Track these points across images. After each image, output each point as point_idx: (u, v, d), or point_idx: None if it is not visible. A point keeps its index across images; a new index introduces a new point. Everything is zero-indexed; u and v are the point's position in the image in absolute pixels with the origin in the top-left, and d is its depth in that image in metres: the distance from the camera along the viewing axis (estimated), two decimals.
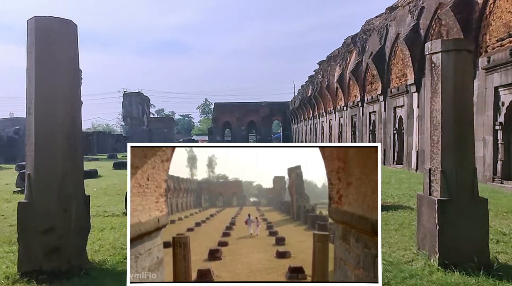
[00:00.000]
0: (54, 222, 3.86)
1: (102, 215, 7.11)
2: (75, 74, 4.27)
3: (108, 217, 6.92)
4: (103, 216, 7.05)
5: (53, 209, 3.86)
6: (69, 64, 4.12)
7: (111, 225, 6.20)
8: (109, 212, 7.30)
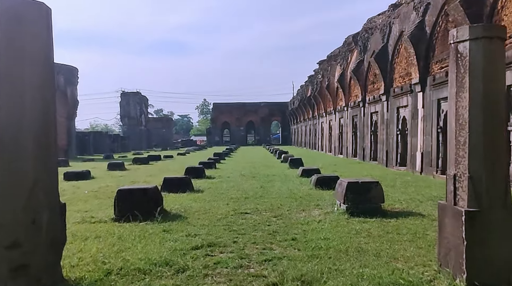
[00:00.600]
0: (20, 235, 3.33)
1: (89, 221, 6.57)
2: (49, 64, 3.73)
3: (95, 224, 6.38)
4: (89, 222, 6.51)
5: (18, 221, 3.33)
6: (40, 53, 3.58)
7: (96, 233, 5.66)
8: (97, 218, 6.75)
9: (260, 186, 11.18)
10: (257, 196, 9.30)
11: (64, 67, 29.81)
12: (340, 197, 7.01)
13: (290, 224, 6.19)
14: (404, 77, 15.83)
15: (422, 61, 13.70)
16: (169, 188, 10.09)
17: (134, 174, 15.29)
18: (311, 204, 7.98)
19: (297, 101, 48.35)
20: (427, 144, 13.54)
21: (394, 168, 16.37)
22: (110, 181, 13.01)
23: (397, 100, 16.41)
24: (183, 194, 9.57)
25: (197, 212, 7.28)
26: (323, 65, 31.47)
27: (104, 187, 11.38)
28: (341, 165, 18.47)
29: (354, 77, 21.52)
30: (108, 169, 17.13)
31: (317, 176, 10.70)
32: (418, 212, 7.00)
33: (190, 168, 13.80)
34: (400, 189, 10.12)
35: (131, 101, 49.77)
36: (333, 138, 29.40)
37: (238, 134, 65.39)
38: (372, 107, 19.95)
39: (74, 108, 31.51)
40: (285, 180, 12.57)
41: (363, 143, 21.38)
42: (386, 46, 17.38)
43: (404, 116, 15.91)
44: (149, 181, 12.63)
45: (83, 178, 13.28)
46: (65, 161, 20.63)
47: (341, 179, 7.31)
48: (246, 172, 15.32)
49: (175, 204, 8.03)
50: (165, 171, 16.73)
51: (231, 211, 7.31)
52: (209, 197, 9.23)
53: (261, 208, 7.62)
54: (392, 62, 17.03)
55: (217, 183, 12.09)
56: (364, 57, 20.79)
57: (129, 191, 6.81)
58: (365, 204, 6.80)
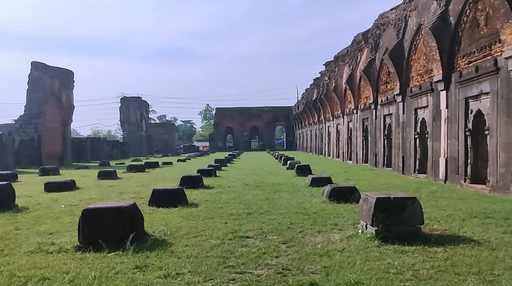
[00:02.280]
0: None
1: (45, 250, 5.11)
2: None
3: (51, 255, 4.92)
4: (45, 252, 5.05)
5: None
6: None
7: (43, 272, 4.19)
8: (57, 245, 5.30)
9: (265, 197, 9.71)
10: (261, 210, 7.83)
11: (59, 70, 28.56)
12: (367, 216, 5.52)
13: (305, 255, 4.71)
14: (423, 75, 14.34)
15: (445, 56, 12.21)
16: (158, 202, 8.65)
17: (125, 184, 13.85)
18: (327, 223, 6.48)
19: (302, 105, 46.91)
20: (452, 149, 12.01)
21: (412, 175, 14.83)
22: (96, 192, 11.57)
23: (415, 100, 14.90)
24: (174, 210, 8.12)
25: (186, 236, 5.81)
26: (330, 67, 30.03)
27: (85, 200, 9.93)
28: (353, 172, 16.95)
29: (365, 77, 20.04)
30: (98, 178, 15.70)
31: (330, 186, 9.20)
32: (467, 235, 5.49)
33: (186, 177, 12.36)
34: (429, 201, 8.60)
35: (131, 107, 48.46)
36: (341, 143, 27.88)
37: (242, 139, 63.94)
38: (385, 109, 18.44)
39: (69, 113, 30.20)
40: (293, 190, 11.09)
41: (375, 147, 19.85)
42: (401, 42, 15.91)
43: (423, 118, 14.39)
44: (139, 192, 11.22)
45: (66, 189, 11.85)
46: (55, 169, 19.23)
47: (367, 194, 5.82)
48: (249, 180, 13.85)
49: (160, 224, 6.56)
50: (160, 179, 15.30)
51: (229, 234, 5.83)
52: (204, 212, 7.76)
53: (267, 229, 6.13)
54: (408, 59, 15.54)
55: (215, 194, 10.63)
56: (376, 55, 19.33)
57: (98, 211, 5.35)
58: (399, 226, 5.31)
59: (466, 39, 11.48)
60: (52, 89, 27.71)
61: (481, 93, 10.61)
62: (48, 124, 27.25)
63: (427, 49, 13.52)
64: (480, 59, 10.68)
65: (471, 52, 11.15)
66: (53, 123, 28.01)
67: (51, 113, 27.52)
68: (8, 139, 23.08)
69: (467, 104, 11.30)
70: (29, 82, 26.46)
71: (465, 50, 11.50)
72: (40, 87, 26.44)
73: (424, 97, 14.15)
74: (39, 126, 26.23)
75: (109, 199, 10.16)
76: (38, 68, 26.58)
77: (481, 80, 10.55)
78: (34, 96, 26.20)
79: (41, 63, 26.96)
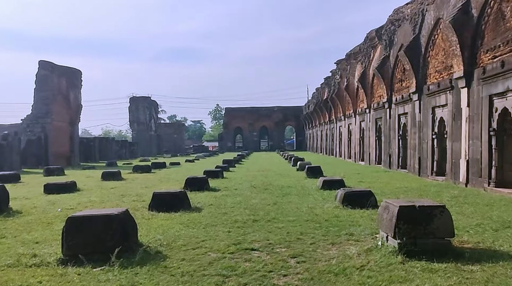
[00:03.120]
0: None
1: (24, 264, 4.55)
2: None
3: (29, 270, 4.36)
4: (24, 265, 4.50)
5: None
6: None
7: None
8: (39, 257, 4.74)
9: (273, 202, 9.07)
10: (269, 217, 7.20)
11: (67, 69, 28.28)
12: (388, 226, 4.85)
13: (318, 274, 4.06)
14: (442, 71, 13.54)
15: (467, 51, 11.42)
16: (159, 206, 8.08)
17: (128, 185, 13.33)
18: (342, 233, 5.82)
19: (312, 105, 46.12)
20: (474, 150, 11.22)
21: (430, 178, 14.04)
22: (96, 194, 11.06)
23: (433, 99, 14.10)
24: (175, 215, 7.53)
25: (184, 246, 5.21)
26: (342, 65, 29.24)
27: (84, 203, 9.43)
28: (366, 174, 16.20)
29: (379, 75, 19.25)
30: (102, 179, 15.22)
31: (344, 190, 8.52)
32: (505, 250, 4.78)
33: (190, 179, 11.79)
34: (453, 208, 7.86)
35: (140, 106, 48.20)
36: (353, 143, 27.08)
37: (251, 139, 63.34)
38: (400, 108, 17.64)
39: (77, 113, 29.92)
40: (303, 193, 10.42)
41: (389, 148, 19.05)
42: (418, 38, 15.12)
43: (441, 117, 13.60)
44: (141, 194, 10.67)
45: (66, 191, 11.37)
46: (60, 169, 18.83)
47: (388, 201, 5.14)
48: (257, 183, 13.22)
49: (157, 232, 5.98)
50: (165, 181, 14.76)
51: (231, 245, 5.22)
52: (207, 219, 7.16)
53: (274, 240, 5.50)
54: (425, 55, 14.75)
55: (221, 197, 10.02)
56: (390, 52, 18.55)
57: (84, 219, 4.77)
58: (426, 239, 4.63)
59: (490, 32, 10.69)
60: (59, 88, 27.43)
61: (507, 90, 9.82)
62: (56, 123, 26.98)
63: (446, 44, 12.74)
64: (506, 54, 9.89)
65: (496, 46, 10.35)
66: (60, 123, 27.74)
67: (58, 112, 27.25)
68: (14, 139, 22.81)
69: (491, 102, 10.51)
70: (36, 81, 26.22)
71: (489, 44, 10.71)
72: (48, 86, 26.18)
73: (442, 95, 13.36)
74: (46, 126, 25.96)
75: (109, 202, 9.64)
76: (46, 67, 26.32)
77: (507, 76, 9.77)
78: (41, 96, 25.94)
79: (49, 62, 26.70)
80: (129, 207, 8.76)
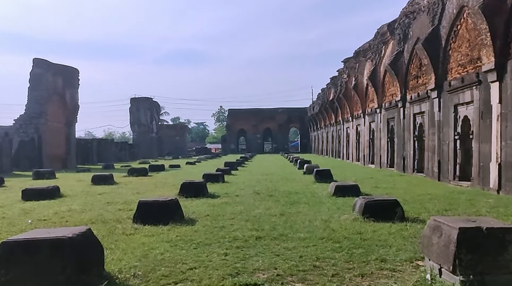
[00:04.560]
0: None
1: None
2: None
3: None
4: None
5: None
6: None
7: None
8: None
9: (279, 212, 7.78)
10: (275, 233, 5.91)
11: (63, 68, 27.16)
12: (442, 256, 3.55)
13: None
14: (466, 65, 12.21)
15: (499, 40, 10.09)
16: (145, 217, 6.82)
17: (118, 191, 12.07)
18: (370, 258, 4.52)
19: (317, 106, 44.81)
20: (508, 152, 9.88)
21: (452, 183, 12.69)
22: (80, 201, 9.80)
23: (455, 95, 12.77)
24: (163, 229, 6.27)
25: (165, 279, 3.93)
26: (349, 63, 27.93)
27: (61, 213, 8.18)
28: (380, 178, 14.86)
29: (392, 72, 17.93)
30: (92, 183, 13.98)
31: (364, 199, 7.19)
32: None
33: (187, 184, 10.51)
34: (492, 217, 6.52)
35: (141, 107, 47.05)
36: (362, 145, 25.72)
37: (255, 141, 62.06)
38: (415, 107, 16.31)
39: (74, 113, 28.78)
40: (314, 201, 9.12)
41: (403, 150, 17.71)
42: (437, 29, 13.80)
43: (465, 116, 12.26)
44: (130, 202, 9.37)
45: (47, 197, 10.13)
46: (50, 172, 17.62)
47: (438, 219, 3.83)
48: (261, 188, 11.93)
49: (135, 255, 4.71)
50: (160, 185, 13.49)
51: (227, 277, 3.93)
52: (201, 235, 5.88)
53: (283, 268, 4.21)
54: (446, 48, 13.42)
55: (220, 205, 8.74)
56: (404, 47, 17.23)
57: (25, 245, 3.49)
58: (498, 275, 3.32)
59: None
60: (55, 87, 26.30)
61: None
62: (50, 124, 25.84)
63: (473, 34, 11.42)
64: None
65: None
66: (56, 124, 26.61)
67: (53, 113, 26.12)
68: (4, 141, 21.65)
69: None
70: (30, 80, 25.12)
71: None
72: (42, 85, 25.06)
73: (467, 91, 12.02)
74: (40, 127, 24.81)
75: (90, 211, 8.39)
76: (40, 65, 25.22)
77: None
78: (35, 95, 24.83)
79: (44, 60, 25.61)
80: (112, 218, 7.54)
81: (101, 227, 6.67)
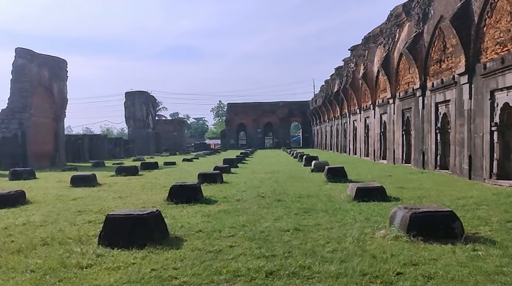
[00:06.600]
0: None
1: None
2: None
3: None
4: None
5: None
6: None
7: None
8: None
9: (293, 225, 6.00)
10: (292, 264, 4.14)
11: (48, 58, 25.22)
12: None
13: None
14: (506, 43, 10.36)
15: None
16: (115, 237, 5.05)
17: (98, 194, 10.24)
18: None
19: (320, 99, 42.90)
20: None
21: (488, 182, 10.87)
22: (45, 210, 7.99)
23: (492, 80, 10.92)
24: (136, 256, 4.53)
25: None
26: (357, 51, 26.01)
27: (15, 227, 6.41)
28: (401, 177, 13.03)
29: (409, 57, 16.05)
30: (71, 185, 12.17)
31: (406, 210, 5.36)
32: None
33: (177, 187, 8.72)
34: None
35: (137, 101, 45.11)
36: (371, 139, 23.89)
37: (255, 136, 60.19)
38: (438, 95, 14.46)
39: (62, 107, 26.87)
40: (333, 208, 7.32)
41: (422, 144, 15.88)
42: (467, 4, 11.92)
43: (506, 103, 10.42)
44: (107, 210, 7.49)
45: (7, 204, 8.33)
46: (29, 171, 15.81)
47: None
48: (266, 190, 10.13)
49: None
50: (149, 187, 11.66)
51: None
52: (186, 268, 4.11)
53: None
54: (479, 25, 11.56)
55: (216, 215, 6.97)
56: (424, 28, 15.35)
57: None
58: None
59: None
60: (40, 79, 24.37)
61: None
62: (36, 119, 23.95)
63: None
64: None
65: None
66: (42, 119, 24.72)
67: (39, 106, 24.22)
68: None
69: None
70: (13, 71, 23.16)
71: None
72: (26, 77, 23.12)
73: (508, 74, 10.18)
74: (24, 122, 22.92)
75: (53, 224, 6.62)
76: (23, 55, 23.27)
77: None
78: (18, 87, 22.91)
79: (27, 50, 23.65)
80: (74, 236, 5.69)
81: (52, 252, 4.88)
